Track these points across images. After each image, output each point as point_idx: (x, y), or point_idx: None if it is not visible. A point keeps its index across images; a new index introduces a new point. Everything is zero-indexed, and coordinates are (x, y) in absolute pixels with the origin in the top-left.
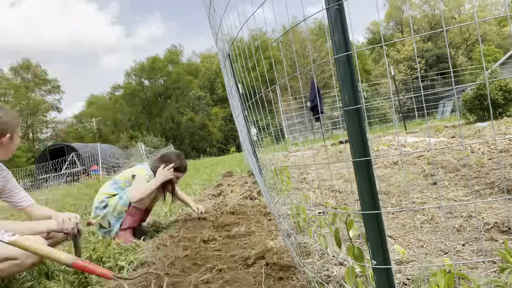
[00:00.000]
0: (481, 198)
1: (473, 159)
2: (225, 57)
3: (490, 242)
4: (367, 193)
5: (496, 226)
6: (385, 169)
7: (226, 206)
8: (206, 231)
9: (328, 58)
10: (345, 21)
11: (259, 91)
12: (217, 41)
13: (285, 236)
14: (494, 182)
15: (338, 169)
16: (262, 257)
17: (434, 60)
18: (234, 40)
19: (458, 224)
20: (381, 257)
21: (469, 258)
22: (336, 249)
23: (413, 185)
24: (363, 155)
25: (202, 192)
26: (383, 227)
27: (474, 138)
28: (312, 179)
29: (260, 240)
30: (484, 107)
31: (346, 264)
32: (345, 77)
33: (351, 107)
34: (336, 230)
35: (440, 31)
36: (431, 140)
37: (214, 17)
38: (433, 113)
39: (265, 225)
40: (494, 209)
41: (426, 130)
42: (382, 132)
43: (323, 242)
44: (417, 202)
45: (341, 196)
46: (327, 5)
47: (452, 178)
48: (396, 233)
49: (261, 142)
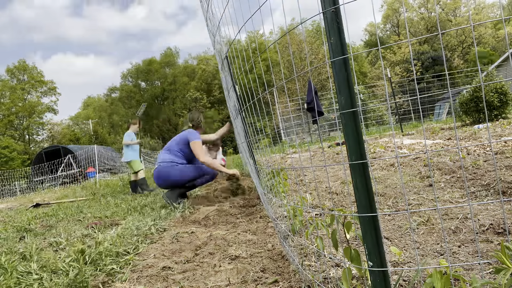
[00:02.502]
0: (477, 200)
1: (469, 161)
2: (222, 59)
3: (486, 243)
4: (363, 195)
5: (492, 227)
6: (381, 171)
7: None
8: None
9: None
10: (341, 24)
11: (256, 93)
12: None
13: (282, 238)
14: (490, 184)
15: (335, 171)
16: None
17: (430, 62)
18: (232, 42)
19: (454, 226)
20: (378, 258)
21: (465, 259)
22: (332, 251)
23: (409, 187)
24: (359, 157)
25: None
26: (380, 229)
27: (470, 140)
28: (309, 181)
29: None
30: (480, 109)
31: (342, 266)
32: (341, 80)
33: (348, 110)
34: (333, 232)
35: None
36: (427, 142)
37: (211, 19)
38: (429, 115)
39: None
40: (489, 210)
41: (422, 132)
42: (378, 134)
43: (319, 244)
44: (413, 204)
45: (337, 198)
46: (323, 8)
47: (448, 180)
48: (392, 234)
49: (259, 144)
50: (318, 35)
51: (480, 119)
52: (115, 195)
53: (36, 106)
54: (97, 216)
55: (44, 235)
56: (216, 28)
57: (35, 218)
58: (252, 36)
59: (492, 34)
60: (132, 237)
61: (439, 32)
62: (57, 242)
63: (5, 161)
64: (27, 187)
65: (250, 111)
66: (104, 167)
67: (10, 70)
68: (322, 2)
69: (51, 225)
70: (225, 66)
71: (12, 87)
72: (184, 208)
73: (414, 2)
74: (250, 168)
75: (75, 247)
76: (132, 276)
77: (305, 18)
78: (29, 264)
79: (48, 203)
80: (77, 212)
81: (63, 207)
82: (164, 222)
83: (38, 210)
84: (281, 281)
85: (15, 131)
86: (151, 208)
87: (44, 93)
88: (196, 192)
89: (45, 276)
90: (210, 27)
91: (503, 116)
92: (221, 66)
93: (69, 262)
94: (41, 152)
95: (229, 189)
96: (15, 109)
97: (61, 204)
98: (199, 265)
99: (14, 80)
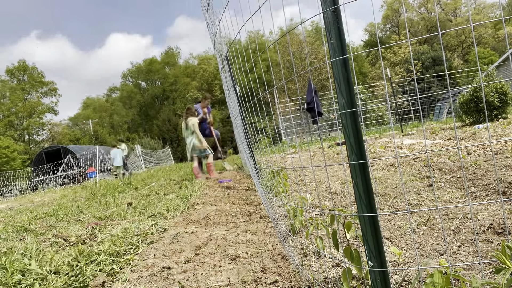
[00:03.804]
0: (477, 200)
1: (469, 161)
2: (223, 59)
3: (486, 243)
4: (363, 195)
5: (492, 227)
6: (381, 171)
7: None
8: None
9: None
10: (341, 25)
11: (256, 93)
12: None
13: (282, 238)
14: (490, 184)
15: (335, 171)
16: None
17: (430, 62)
18: (232, 42)
19: (454, 226)
20: (378, 258)
21: (465, 259)
22: (332, 250)
23: (409, 187)
24: (359, 157)
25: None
26: (380, 229)
27: (470, 140)
28: (309, 181)
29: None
30: (480, 109)
31: (343, 266)
32: (341, 80)
33: (348, 110)
34: (333, 232)
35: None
36: (427, 142)
37: (212, 19)
38: (430, 115)
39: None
40: (489, 210)
41: (422, 132)
42: (378, 134)
43: (320, 244)
44: (413, 204)
45: (338, 198)
46: (323, 8)
47: (448, 180)
48: (392, 234)
49: (259, 144)
50: (318, 35)
51: (480, 119)
52: (115, 195)
53: (36, 106)
54: (97, 216)
55: (44, 235)
56: (216, 28)
57: (35, 218)
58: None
59: (492, 34)
60: (132, 237)
61: (439, 32)
62: (57, 242)
63: (5, 161)
64: (27, 187)
65: (250, 111)
66: (104, 168)
67: (10, 70)
68: (322, 2)
69: (51, 225)
70: (225, 66)
71: (12, 87)
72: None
73: (414, 2)
74: (250, 169)
75: (75, 247)
76: (132, 276)
77: (305, 18)
78: (30, 264)
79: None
80: (77, 212)
81: (63, 207)
82: (164, 222)
83: (38, 210)
84: (281, 281)
85: (15, 132)
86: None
87: (44, 94)
88: (196, 193)
89: (45, 276)
90: (210, 26)
91: (503, 116)
92: (221, 66)
93: (70, 262)
94: (41, 152)
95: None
96: (15, 110)
97: (60, 204)
98: (199, 265)
99: (14, 81)
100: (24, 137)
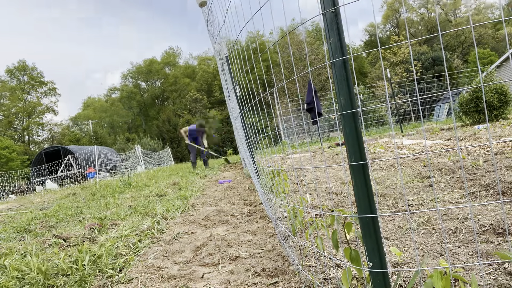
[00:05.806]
0: (477, 200)
1: (469, 161)
2: (222, 59)
3: (486, 244)
4: (363, 196)
5: (492, 228)
6: (381, 171)
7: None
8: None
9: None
10: (341, 25)
11: (257, 94)
12: (214, 43)
13: (282, 238)
14: (490, 184)
15: (335, 172)
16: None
17: (430, 63)
18: (233, 43)
19: (454, 226)
20: (378, 259)
21: (465, 260)
22: (332, 251)
23: (409, 187)
24: (359, 158)
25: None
26: (379, 229)
27: (470, 141)
28: (309, 181)
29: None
30: (480, 109)
31: (343, 266)
32: (341, 81)
33: (347, 111)
34: (333, 232)
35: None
36: (427, 142)
37: (212, 20)
38: (429, 116)
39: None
40: (489, 211)
41: (422, 132)
42: (378, 135)
43: (319, 244)
44: (413, 204)
45: (337, 199)
46: (323, 9)
47: (448, 181)
48: (392, 235)
49: (259, 144)
50: (318, 35)
51: (480, 119)
52: (115, 196)
53: (36, 106)
54: (97, 217)
55: (44, 235)
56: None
57: (35, 219)
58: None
59: (492, 34)
60: (132, 237)
61: (439, 32)
62: (57, 243)
63: (4, 162)
64: (27, 187)
65: (250, 111)
66: (104, 168)
67: (10, 70)
68: (322, 3)
69: (51, 226)
70: (225, 66)
71: (12, 87)
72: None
73: (414, 3)
74: (250, 169)
75: (75, 248)
76: (132, 277)
77: (305, 19)
78: (29, 265)
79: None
80: (77, 212)
81: (63, 208)
82: (164, 223)
83: (37, 211)
84: (281, 281)
85: (15, 132)
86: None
87: (44, 94)
88: (196, 194)
89: (46, 276)
90: (210, 27)
91: (503, 116)
92: (221, 67)
93: (69, 263)
94: (41, 152)
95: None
96: (14, 110)
97: (61, 204)
98: (199, 266)
99: (14, 81)
100: (24, 137)
